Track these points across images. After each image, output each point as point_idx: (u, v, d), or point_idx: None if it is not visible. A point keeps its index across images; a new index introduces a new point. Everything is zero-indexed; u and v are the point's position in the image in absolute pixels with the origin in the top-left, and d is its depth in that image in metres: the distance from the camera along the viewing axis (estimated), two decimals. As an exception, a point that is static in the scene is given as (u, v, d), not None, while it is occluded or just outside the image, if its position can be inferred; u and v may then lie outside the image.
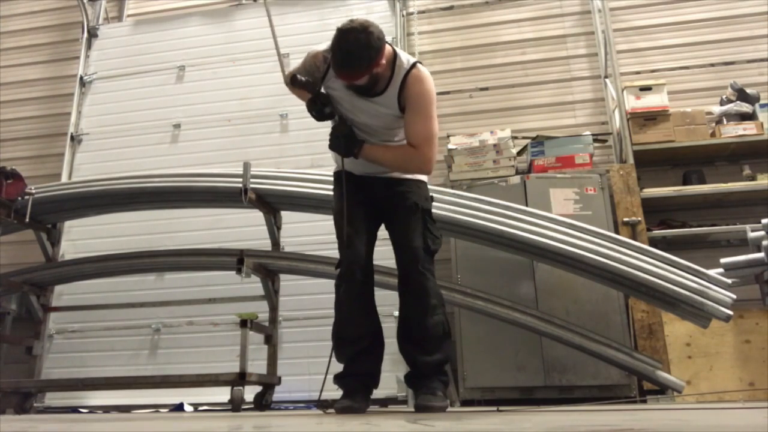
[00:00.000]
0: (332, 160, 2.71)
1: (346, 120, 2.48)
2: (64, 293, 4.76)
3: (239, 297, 4.26)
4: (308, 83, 2.39)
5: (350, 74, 2.26)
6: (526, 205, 3.85)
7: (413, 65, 2.39)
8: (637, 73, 4.97)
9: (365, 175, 2.58)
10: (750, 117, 4.42)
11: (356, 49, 2.19)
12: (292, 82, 2.41)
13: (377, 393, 2.56)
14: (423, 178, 2.64)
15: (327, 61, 2.39)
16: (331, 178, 3.64)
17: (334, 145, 2.48)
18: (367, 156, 2.46)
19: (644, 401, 3.72)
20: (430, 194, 2.65)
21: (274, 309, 3.88)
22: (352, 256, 2.47)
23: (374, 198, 2.58)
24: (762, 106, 4.42)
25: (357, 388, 2.43)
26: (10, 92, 5.93)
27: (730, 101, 4.51)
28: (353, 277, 2.46)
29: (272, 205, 3.96)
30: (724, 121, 4.45)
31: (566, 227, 3.54)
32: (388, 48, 2.34)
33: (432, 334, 2.42)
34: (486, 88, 5.18)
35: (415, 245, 2.44)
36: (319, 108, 2.42)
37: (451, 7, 5.40)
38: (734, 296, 3.32)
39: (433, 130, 2.43)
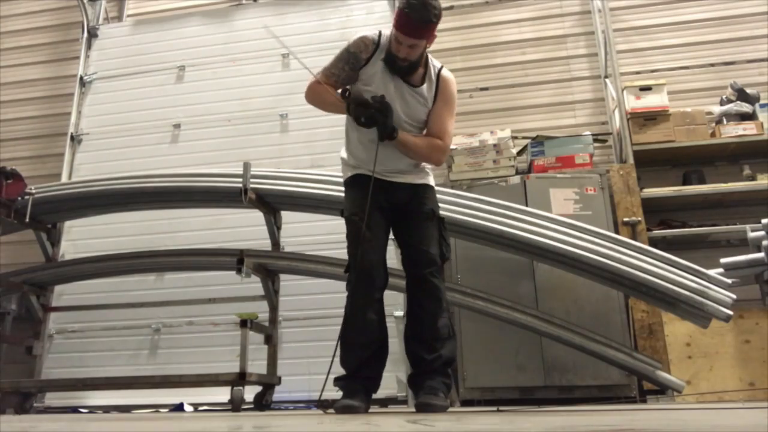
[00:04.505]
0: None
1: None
2: (64, 293, 4.75)
3: (239, 297, 4.26)
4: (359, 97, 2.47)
5: (420, 25, 2.37)
6: (526, 205, 3.85)
7: (442, 66, 2.62)
8: (637, 73, 4.97)
9: (385, 178, 2.58)
10: (750, 117, 4.42)
11: (430, 3, 2.37)
12: (343, 93, 2.47)
13: (377, 393, 2.56)
14: (432, 183, 2.71)
15: (375, 43, 2.51)
16: (332, 178, 3.68)
17: (381, 126, 2.43)
18: (401, 138, 2.49)
19: (644, 401, 3.72)
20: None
21: (274, 309, 3.88)
22: (371, 261, 2.48)
23: (391, 202, 2.60)
24: (762, 106, 4.42)
25: (357, 389, 2.44)
26: (10, 92, 5.93)
27: (730, 101, 4.51)
28: (372, 283, 2.48)
29: (272, 205, 3.96)
30: (724, 121, 4.45)
31: (566, 227, 3.55)
32: None
33: (440, 334, 2.48)
34: (486, 88, 5.18)
35: (432, 252, 2.52)
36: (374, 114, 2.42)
37: (451, 7, 5.39)
38: (734, 296, 3.32)
39: (452, 128, 2.64)
